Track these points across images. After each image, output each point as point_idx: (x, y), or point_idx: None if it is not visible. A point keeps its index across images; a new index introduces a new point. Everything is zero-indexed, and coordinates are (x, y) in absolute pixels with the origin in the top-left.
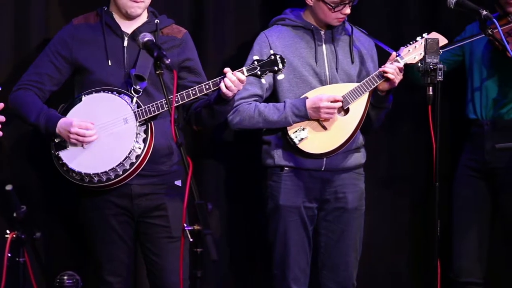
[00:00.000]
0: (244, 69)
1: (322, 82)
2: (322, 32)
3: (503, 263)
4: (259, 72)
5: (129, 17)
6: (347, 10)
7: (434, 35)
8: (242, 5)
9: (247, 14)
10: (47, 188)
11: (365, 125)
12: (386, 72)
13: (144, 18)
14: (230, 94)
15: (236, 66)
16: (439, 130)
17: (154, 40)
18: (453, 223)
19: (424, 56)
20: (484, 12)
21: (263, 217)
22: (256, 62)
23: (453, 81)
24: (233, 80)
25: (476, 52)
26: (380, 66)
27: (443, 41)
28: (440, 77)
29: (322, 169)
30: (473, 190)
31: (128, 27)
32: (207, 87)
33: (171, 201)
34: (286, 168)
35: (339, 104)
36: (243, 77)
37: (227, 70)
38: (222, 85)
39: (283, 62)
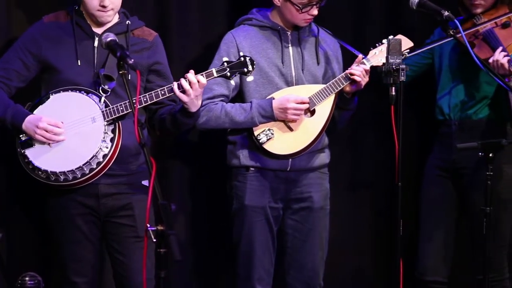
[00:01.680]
0: (213, 70)
1: (288, 83)
2: (289, 33)
3: (468, 263)
4: (228, 73)
5: (100, 24)
6: (315, 11)
7: (400, 37)
8: (207, 4)
9: (212, 14)
10: (11, 186)
11: (330, 126)
12: (352, 74)
13: (115, 18)
14: (186, 99)
15: (201, 66)
16: (403, 130)
17: (117, 40)
18: (419, 222)
19: (387, 57)
20: (446, 13)
21: (228, 217)
22: (225, 63)
23: (420, 82)
24: (193, 82)
25: (445, 54)
26: (345, 68)
27: (408, 43)
28: (402, 78)
29: (288, 170)
30: (440, 190)
31: (98, 27)
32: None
33: (138, 201)
34: (251, 169)
35: (306, 105)
36: (204, 81)
37: (191, 72)
38: (175, 87)
39: (252, 64)
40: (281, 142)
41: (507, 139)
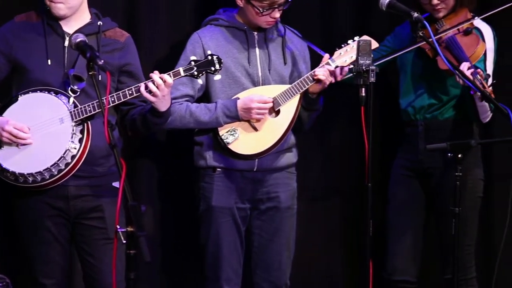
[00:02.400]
0: (180, 69)
1: (255, 83)
2: (255, 33)
3: (437, 263)
4: (196, 73)
5: (58, 17)
6: (276, 14)
7: (365, 38)
8: (174, 5)
9: (179, 14)
10: None
11: (296, 126)
12: (317, 75)
13: (87, 19)
14: (153, 99)
15: (170, 66)
16: (372, 131)
17: (87, 41)
18: (387, 222)
19: (357, 58)
20: (415, 15)
21: (195, 218)
22: (193, 62)
23: (386, 82)
24: (159, 84)
25: (407, 58)
26: (312, 68)
27: (374, 44)
28: (372, 79)
29: (254, 170)
30: (408, 190)
31: (69, 27)
32: (142, 88)
33: (108, 203)
34: (218, 169)
35: (270, 105)
36: (170, 81)
37: (155, 72)
38: (142, 89)
39: (220, 63)
40: (246, 142)
41: (474, 139)
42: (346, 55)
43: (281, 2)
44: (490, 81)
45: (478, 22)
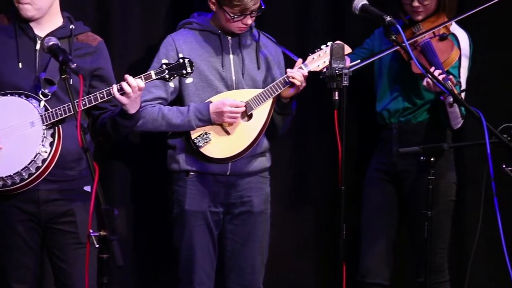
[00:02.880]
0: (152, 72)
1: (228, 87)
2: (229, 37)
3: (410, 266)
4: (167, 76)
5: (27, 19)
6: (248, 21)
7: (338, 42)
8: (148, 9)
9: (153, 18)
10: None
11: (271, 131)
12: (290, 78)
13: (59, 22)
14: (125, 101)
15: (143, 70)
16: (348, 134)
17: (60, 44)
18: (361, 225)
19: (330, 61)
20: (388, 18)
21: (169, 222)
22: (164, 66)
23: (360, 85)
24: (133, 86)
25: (384, 60)
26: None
27: (347, 49)
28: (345, 82)
29: (228, 174)
30: (382, 193)
31: (41, 30)
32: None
33: (80, 207)
34: (191, 173)
35: (242, 109)
36: (142, 84)
37: (126, 76)
38: (114, 90)
39: (191, 66)
40: (218, 146)
41: (447, 142)
42: (319, 60)
43: (253, 8)
44: (461, 87)
45: (455, 28)
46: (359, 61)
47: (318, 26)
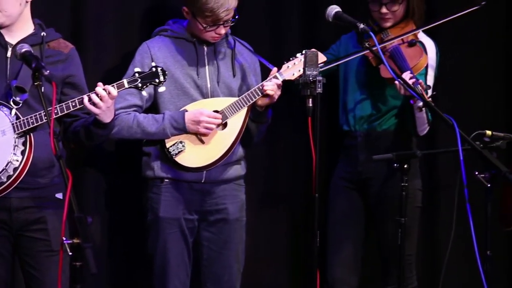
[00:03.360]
0: (124, 81)
1: (204, 95)
2: (205, 45)
3: (377, 274)
4: (140, 84)
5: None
6: (222, 31)
7: (312, 50)
8: (122, 14)
9: (127, 25)
10: None
11: (246, 139)
12: (265, 88)
13: (30, 29)
14: (97, 111)
15: (118, 77)
16: (319, 141)
17: (32, 51)
18: (327, 234)
19: (304, 69)
20: (362, 26)
21: (143, 229)
22: (137, 74)
23: (329, 92)
24: (103, 95)
25: (351, 65)
26: (263, 80)
27: (321, 58)
28: (319, 89)
29: (202, 181)
30: (347, 201)
31: (12, 37)
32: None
33: (52, 214)
34: (166, 180)
35: (219, 121)
36: (114, 92)
37: (99, 84)
38: (85, 100)
39: (164, 75)
40: (193, 154)
41: (414, 149)
42: (293, 69)
43: (226, 19)
44: (430, 92)
45: (422, 36)
46: (322, 64)
47: (293, 34)
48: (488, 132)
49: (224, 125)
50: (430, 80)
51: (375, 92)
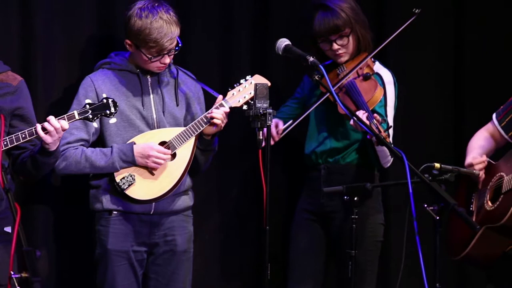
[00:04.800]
0: (75, 112)
1: (150, 126)
2: (148, 76)
3: None
4: (90, 116)
5: None
6: (166, 60)
7: (257, 77)
8: (71, 47)
9: (77, 57)
10: None
11: (193, 168)
12: (212, 118)
13: None
14: (49, 140)
15: (66, 109)
16: (271, 174)
17: None
18: (288, 266)
19: (254, 101)
20: (311, 59)
21: (92, 262)
22: (88, 106)
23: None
24: (56, 127)
25: (312, 100)
26: (207, 108)
27: (268, 83)
28: (269, 122)
29: (151, 213)
30: (310, 234)
31: None
32: (35, 131)
33: (0, 248)
34: (114, 212)
35: (168, 157)
36: (66, 125)
37: (49, 118)
38: (39, 129)
39: (115, 106)
40: (143, 187)
41: (374, 183)
42: (239, 95)
43: (170, 48)
44: (386, 126)
45: (379, 68)
46: (290, 121)
47: (242, 62)
48: (437, 165)
49: (173, 156)
50: (390, 111)
51: (337, 126)
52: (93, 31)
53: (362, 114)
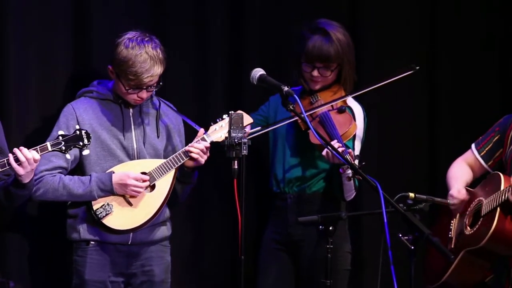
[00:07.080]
0: (48, 144)
1: (130, 156)
2: (130, 106)
3: None
4: (63, 147)
5: None
6: (143, 95)
7: (240, 113)
8: (45, 76)
9: (50, 87)
10: None
11: (171, 199)
12: (191, 152)
13: None
14: (22, 172)
15: (40, 140)
16: (247, 202)
17: None
18: None
19: (229, 131)
20: (286, 88)
21: None
22: (60, 137)
23: (259, 154)
24: (28, 158)
25: (280, 128)
26: (187, 140)
27: (248, 119)
28: (245, 151)
29: (129, 243)
30: (278, 264)
31: None
32: (7, 162)
33: None
34: (92, 242)
35: (146, 184)
36: (37, 157)
37: (21, 148)
38: (11, 160)
39: (88, 138)
40: (120, 217)
41: (343, 212)
42: (221, 131)
43: (148, 84)
44: (357, 162)
45: (350, 101)
46: (259, 128)
47: (217, 94)
48: (411, 195)
49: (152, 187)
50: (358, 145)
51: (305, 155)
52: (68, 59)
53: (337, 146)
